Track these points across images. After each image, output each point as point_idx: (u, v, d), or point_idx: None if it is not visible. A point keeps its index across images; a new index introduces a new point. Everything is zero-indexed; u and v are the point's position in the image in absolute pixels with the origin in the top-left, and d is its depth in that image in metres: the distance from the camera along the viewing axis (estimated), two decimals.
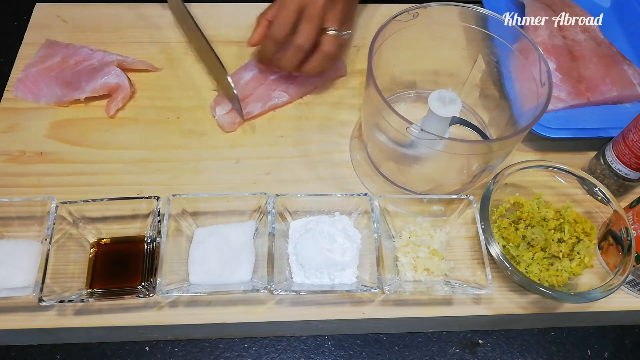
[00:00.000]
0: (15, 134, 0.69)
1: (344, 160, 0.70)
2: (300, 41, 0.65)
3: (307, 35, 0.65)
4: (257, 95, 0.72)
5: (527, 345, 0.62)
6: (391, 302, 0.59)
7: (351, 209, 0.62)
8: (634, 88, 0.72)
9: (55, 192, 0.62)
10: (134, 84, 0.74)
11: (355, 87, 0.76)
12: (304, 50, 0.66)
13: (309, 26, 0.64)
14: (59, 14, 0.81)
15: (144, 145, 0.69)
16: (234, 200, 0.61)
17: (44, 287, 0.53)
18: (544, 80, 0.57)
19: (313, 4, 0.64)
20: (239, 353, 0.60)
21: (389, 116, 0.54)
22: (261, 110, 0.72)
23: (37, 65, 0.73)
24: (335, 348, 0.61)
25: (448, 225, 0.63)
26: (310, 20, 0.64)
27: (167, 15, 0.82)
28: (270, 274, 0.55)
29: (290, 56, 0.66)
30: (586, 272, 0.59)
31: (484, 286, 0.56)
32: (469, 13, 0.62)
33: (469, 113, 0.72)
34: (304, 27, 0.64)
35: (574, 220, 0.61)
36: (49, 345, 0.60)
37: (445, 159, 0.60)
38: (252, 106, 0.71)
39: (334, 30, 0.66)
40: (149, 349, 0.60)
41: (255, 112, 0.71)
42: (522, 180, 0.64)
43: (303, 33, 0.65)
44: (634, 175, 0.63)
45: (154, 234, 0.58)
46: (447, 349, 0.61)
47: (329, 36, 0.66)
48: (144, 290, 0.56)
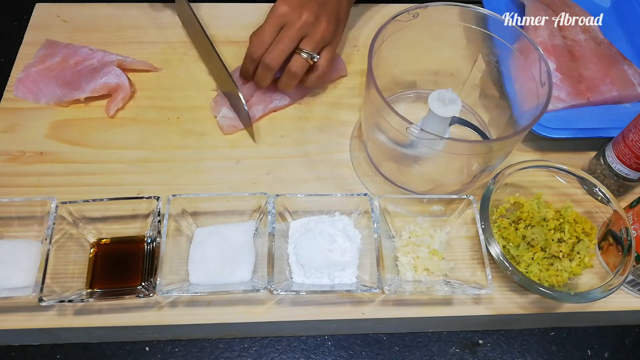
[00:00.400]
0: (15, 134, 0.69)
1: (344, 160, 0.70)
2: (267, 60, 0.66)
3: (275, 55, 0.66)
4: (258, 98, 0.72)
5: (527, 345, 0.62)
6: (391, 302, 0.59)
7: (351, 209, 0.62)
8: (634, 88, 0.72)
9: (55, 192, 0.62)
10: (134, 84, 0.74)
11: (355, 87, 0.76)
12: (271, 69, 0.67)
13: (278, 46, 0.66)
14: (59, 14, 0.81)
15: (144, 145, 0.69)
16: (234, 200, 0.61)
17: (44, 287, 0.53)
18: (544, 80, 0.57)
19: (289, 27, 0.66)
20: (239, 353, 0.60)
21: (389, 116, 0.54)
22: (262, 113, 0.72)
23: (37, 65, 0.73)
24: (335, 348, 0.61)
25: (448, 225, 0.63)
26: (280, 41, 0.65)
27: (167, 16, 0.82)
28: (270, 274, 0.55)
29: (260, 73, 0.68)
30: (586, 272, 0.59)
31: (484, 286, 0.56)
32: (469, 13, 0.62)
33: (469, 113, 0.72)
34: (273, 47, 0.66)
35: (574, 220, 0.61)
36: (49, 345, 0.60)
37: (445, 159, 0.60)
38: (255, 109, 0.71)
39: (306, 54, 0.66)
40: (149, 349, 0.60)
41: (257, 116, 0.71)
42: (522, 180, 0.64)
43: (271, 52, 0.66)
44: (634, 175, 0.63)
45: (154, 234, 0.58)
46: (447, 349, 0.61)
47: (297, 57, 0.67)
48: (144, 290, 0.56)
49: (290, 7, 0.66)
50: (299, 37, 0.66)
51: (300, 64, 0.67)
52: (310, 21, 0.66)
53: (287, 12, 0.66)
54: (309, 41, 0.66)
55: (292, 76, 0.68)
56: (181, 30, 0.80)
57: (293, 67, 0.67)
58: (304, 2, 0.66)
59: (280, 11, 0.66)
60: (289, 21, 0.66)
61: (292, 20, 0.65)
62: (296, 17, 0.65)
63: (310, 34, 0.66)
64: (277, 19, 0.66)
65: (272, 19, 0.66)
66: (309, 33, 0.66)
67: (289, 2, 0.66)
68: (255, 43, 0.67)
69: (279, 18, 0.66)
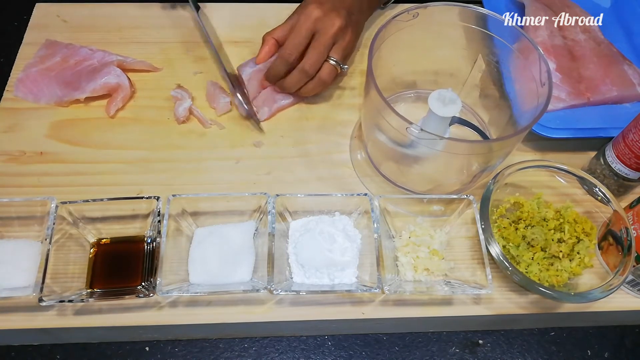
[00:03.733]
0: (15, 134, 0.69)
1: (344, 160, 0.70)
2: (307, 67, 0.67)
3: (313, 62, 0.67)
4: (262, 98, 0.72)
5: (527, 345, 0.62)
6: (391, 302, 0.59)
7: (351, 209, 0.62)
8: (634, 88, 0.72)
9: (55, 192, 0.62)
10: (134, 84, 0.74)
11: (355, 87, 0.76)
12: (309, 75, 0.68)
13: (317, 53, 0.66)
14: (59, 14, 0.81)
15: (144, 145, 0.69)
16: (234, 200, 0.61)
17: (44, 287, 0.53)
18: (544, 80, 0.57)
19: (324, 33, 0.66)
20: (239, 353, 0.60)
21: (389, 116, 0.54)
22: (268, 115, 0.72)
23: (37, 65, 0.73)
24: (335, 348, 0.61)
25: (448, 225, 0.63)
26: (318, 48, 0.66)
27: (167, 16, 0.82)
28: (270, 274, 0.55)
29: (295, 79, 0.68)
30: (586, 272, 0.59)
31: (484, 286, 0.56)
32: (469, 13, 0.62)
33: (469, 113, 0.72)
34: (312, 54, 0.66)
35: (574, 220, 0.61)
36: (49, 345, 0.60)
37: (445, 159, 0.60)
38: (261, 112, 0.72)
39: (334, 62, 0.68)
40: (149, 349, 0.60)
41: (264, 118, 0.72)
42: (522, 180, 0.64)
43: (310, 59, 0.66)
44: (634, 175, 0.63)
45: (154, 234, 0.58)
46: (447, 349, 0.61)
47: (328, 65, 0.68)
48: (144, 290, 0.56)
49: (324, 12, 0.66)
50: (332, 45, 0.67)
51: (332, 72, 0.68)
52: (342, 28, 0.67)
53: (321, 17, 0.66)
54: (338, 50, 0.68)
55: (322, 83, 0.69)
56: (181, 30, 0.80)
57: (324, 74, 0.68)
58: (334, 7, 0.67)
59: (314, 15, 0.66)
60: (323, 28, 0.66)
61: (326, 26, 0.66)
62: (329, 23, 0.66)
63: (339, 42, 0.68)
64: (312, 23, 0.66)
65: (307, 22, 0.66)
66: (338, 41, 0.68)
67: (321, 6, 0.67)
68: (290, 46, 0.67)
69: (313, 22, 0.66)
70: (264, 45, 0.71)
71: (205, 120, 0.70)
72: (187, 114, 0.70)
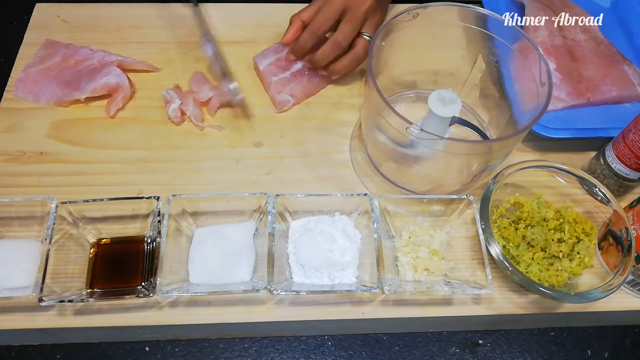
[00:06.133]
0: (15, 134, 0.69)
1: (344, 160, 0.70)
2: (340, 38, 0.67)
3: (346, 34, 0.67)
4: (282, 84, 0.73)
5: (527, 345, 0.62)
6: (391, 302, 0.59)
7: (351, 209, 0.62)
8: (634, 88, 0.72)
9: (55, 192, 0.62)
10: (134, 84, 0.74)
11: (355, 87, 0.76)
12: (342, 47, 0.68)
13: (350, 27, 0.67)
14: (59, 14, 0.81)
15: (144, 145, 0.69)
16: (234, 200, 0.61)
17: (44, 287, 0.53)
18: (544, 80, 0.57)
19: (357, 8, 0.67)
20: (239, 353, 0.60)
21: (389, 116, 0.54)
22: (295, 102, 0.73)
23: (37, 66, 0.73)
24: (335, 348, 0.61)
25: (448, 225, 0.63)
26: (351, 22, 0.67)
27: (167, 16, 0.82)
28: (270, 274, 0.55)
29: (327, 51, 0.68)
30: (586, 272, 0.59)
31: (484, 286, 0.56)
32: (469, 13, 0.62)
33: (469, 113, 0.72)
34: (345, 27, 0.67)
35: (574, 220, 0.61)
36: (49, 345, 0.60)
37: (445, 159, 0.60)
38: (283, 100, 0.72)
39: (368, 37, 0.68)
40: (149, 349, 0.60)
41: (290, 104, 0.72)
42: (522, 180, 0.64)
43: (343, 31, 0.67)
44: (634, 175, 0.63)
45: (154, 234, 0.58)
46: (447, 349, 0.61)
47: (364, 40, 0.68)
48: (144, 290, 0.56)
49: None
50: (364, 21, 0.68)
51: (366, 46, 0.68)
52: (373, 6, 0.67)
53: None
54: (371, 26, 0.68)
55: (357, 59, 0.69)
56: (181, 30, 0.80)
57: (360, 50, 0.68)
58: None
59: None
60: (355, 4, 0.67)
61: (358, 3, 0.66)
62: (362, 1, 0.67)
63: (370, 18, 0.68)
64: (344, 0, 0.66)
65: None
66: (369, 18, 0.68)
67: None
68: (320, 20, 0.67)
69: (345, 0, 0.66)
70: (291, 26, 0.71)
71: (197, 122, 0.70)
72: (179, 114, 0.70)
